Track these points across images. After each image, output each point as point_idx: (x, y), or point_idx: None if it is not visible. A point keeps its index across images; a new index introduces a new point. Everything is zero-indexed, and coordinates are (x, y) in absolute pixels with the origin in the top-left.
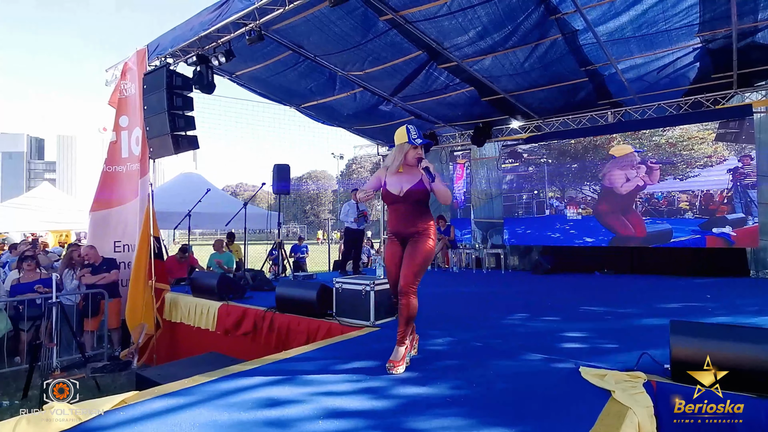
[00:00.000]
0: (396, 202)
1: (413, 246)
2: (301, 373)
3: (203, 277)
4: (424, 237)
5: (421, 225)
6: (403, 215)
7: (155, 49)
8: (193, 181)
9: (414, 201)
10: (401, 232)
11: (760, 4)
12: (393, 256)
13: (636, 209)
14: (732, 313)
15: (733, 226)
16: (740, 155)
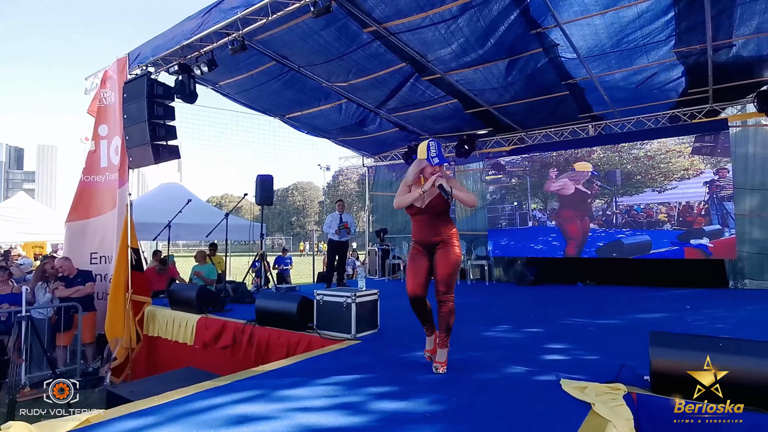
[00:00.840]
0: (419, 213)
1: (443, 255)
2: (277, 388)
3: (182, 289)
4: (450, 245)
5: (445, 233)
6: (427, 225)
7: (136, 57)
8: (175, 192)
9: (435, 212)
10: (425, 240)
11: (735, 22)
12: (416, 264)
13: (586, 217)
14: (711, 324)
15: (710, 237)
16: (716, 168)
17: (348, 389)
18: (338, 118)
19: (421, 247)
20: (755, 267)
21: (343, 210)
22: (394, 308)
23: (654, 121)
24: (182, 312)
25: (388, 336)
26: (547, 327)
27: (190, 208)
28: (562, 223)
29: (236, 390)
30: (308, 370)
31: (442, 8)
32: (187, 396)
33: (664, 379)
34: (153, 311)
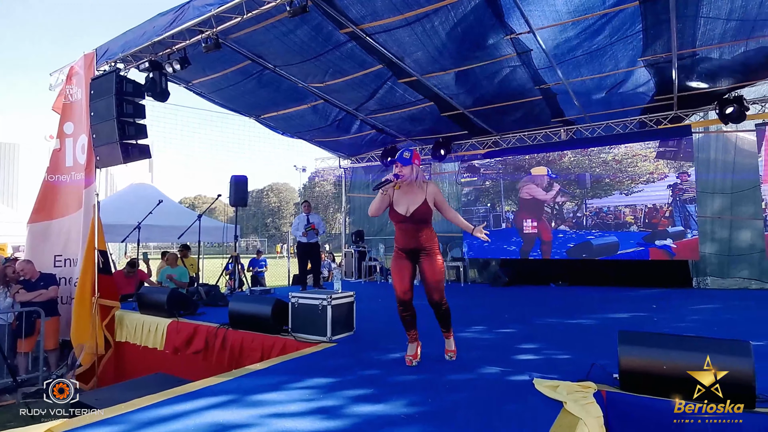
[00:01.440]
0: (403, 222)
1: (429, 265)
2: (251, 392)
3: (151, 292)
4: (434, 253)
5: (427, 242)
6: (410, 233)
7: (104, 53)
8: (146, 192)
9: (419, 220)
10: (408, 247)
11: (698, 32)
12: (400, 269)
13: (545, 218)
14: (676, 323)
15: (673, 238)
16: (679, 172)
17: (324, 393)
18: (314, 119)
19: (405, 253)
20: (716, 267)
21: (310, 211)
22: (371, 310)
23: (622, 126)
24: (152, 316)
25: (365, 338)
26: (520, 327)
27: (162, 209)
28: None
29: (208, 395)
30: (283, 374)
31: (418, 11)
32: (156, 403)
33: (632, 376)
34: (121, 315)
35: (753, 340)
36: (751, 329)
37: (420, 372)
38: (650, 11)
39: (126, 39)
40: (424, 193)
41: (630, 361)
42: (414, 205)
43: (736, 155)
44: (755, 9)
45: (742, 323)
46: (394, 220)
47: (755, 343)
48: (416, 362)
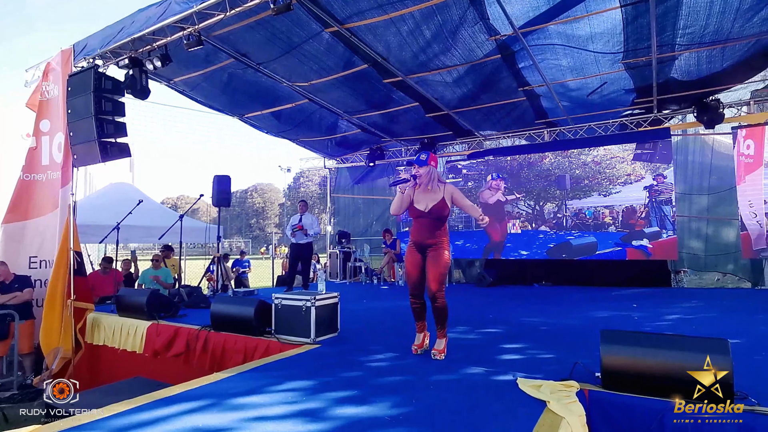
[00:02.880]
0: (421, 217)
1: (434, 256)
2: (232, 396)
3: (131, 294)
4: (442, 248)
5: (439, 237)
6: (426, 228)
7: (83, 49)
8: (125, 192)
9: (436, 217)
10: (421, 241)
11: (677, 37)
12: (413, 261)
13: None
14: (656, 321)
15: (649, 239)
16: (655, 174)
17: (307, 395)
18: (299, 119)
19: (415, 247)
20: (694, 267)
21: (305, 211)
22: (355, 312)
23: (604, 128)
24: (131, 318)
25: (349, 339)
26: (504, 327)
27: (142, 210)
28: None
29: (188, 399)
30: (266, 376)
31: (403, 11)
32: (134, 408)
33: (614, 375)
34: (98, 318)
35: (730, 338)
36: (728, 327)
37: (404, 373)
38: (631, 16)
39: (105, 34)
40: (442, 192)
41: (612, 360)
42: (432, 202)
43: (713, 157)
44: (732, 14)
45: (720, 321)
46: (414, 215)
47: (733, 341)
48: (421, 351)
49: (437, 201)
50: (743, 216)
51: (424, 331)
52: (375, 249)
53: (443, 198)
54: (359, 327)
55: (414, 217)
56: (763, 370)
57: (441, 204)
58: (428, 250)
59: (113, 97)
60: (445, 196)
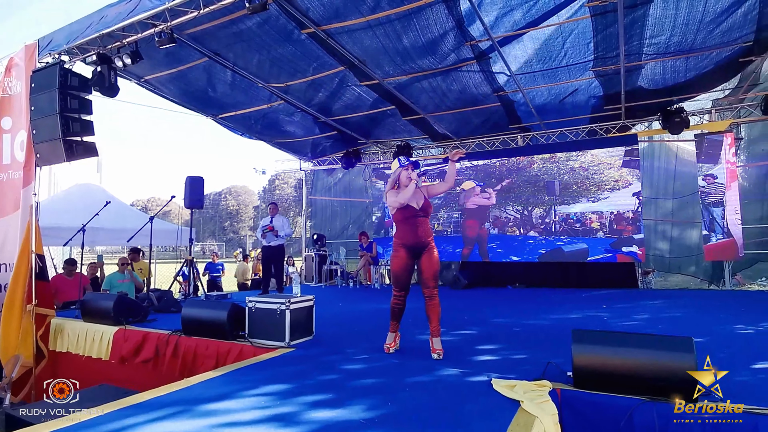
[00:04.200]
0: (416, 216)
1: (429, 257)
2: (203, 401)
3: (97, 298)
4: (432, 248)
5: (428, 236)
6: (421, 227)
7: (48, 44)
8: (92, 193)
9: (427, 214)
10: (416, 242)
11: (644, 47)
12: (400, 264)
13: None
14: (624, 321)
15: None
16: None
17: (281, 399)
18: (274, 120)
19: (407, 250)
20: (659, 268)
21: (275, 213)
22: (331, 315)
23: (575, 134)
24: (97, 324)
25: (324, 343)
26: (479, 328)
27: (111, 211)
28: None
29: (156, 407)
30: (238, 381)
31: (380, 14)
32: (98, 416)
33: (584, 374)
34: (61, 324)
35: (695, 336)
36: (693, 326)
37: (380, 375)
38: (601, 25)
39: (71, 30)
40: (421, 191)
41: (583, 359)
42: (421, 200)
43: (677, 163)
44: (695, 26)
45: (685, 321)
46: (408, 214)
47: (697, 339)
48: (393, 349)
49: (424, 199)
50: (729, 222)
51: (397, 332)
52: (351, 252)
53: (425, 196)
54: (335, 330)
55: (409, 216)
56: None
57: (427, 201)
58: (422, 252)
59: (80, 95)
60: (425, 194)
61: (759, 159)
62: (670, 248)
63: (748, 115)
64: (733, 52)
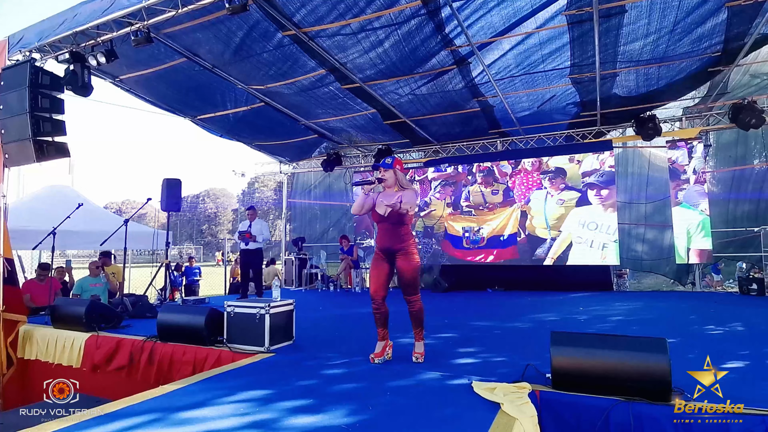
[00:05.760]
0: (381, 221)
1: (405, 261)
2: (179, 409)
3: (68, 304)
4: (410, 253)
5: (403, 241)
6: (389, 233)
7: (18, 41)
8: (63, 195)
9: (395, 221)
10: (387, 247)
11: (618, 55)
12: (377, 268)
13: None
14: (600, 323)
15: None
16: None
17: (260, 405)
18: (255, 122)
19: (383, 254)
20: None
21: (254, 217)
22: (311, 319)
23: (553, 139)
24: (67, 330)
25: (304, 347)
26: (459, 332)
27: (83, 214)
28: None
29: (131, 415)
30: (216, 388)
31: (361, 18)
32: (68, 426)
33: (563, 375)
34: (30, 331)
35: (668, 336)
36: (665, 327)
37: (360, 380)
38: (577, 32)
39: (43, 27)
40: (398, 196)
41: (561, 361)
42: (388, 208)
43: (650, 169)
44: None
45: (658, 322)
46: (375, 219)
47: (670, 340)
48: (379, 360)
49: (393, 203)
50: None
51: (387, 339)
52: (331, 255)
53: (398, 202)
54: (315, 334)
55: (376, 221)
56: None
57: (396, 209)
58: (396, 255)
59: (51, 93)
60: (395, 201)
61: (726, 165)
62: (644, 250)
63: (717, 123)
64: (703, 62)
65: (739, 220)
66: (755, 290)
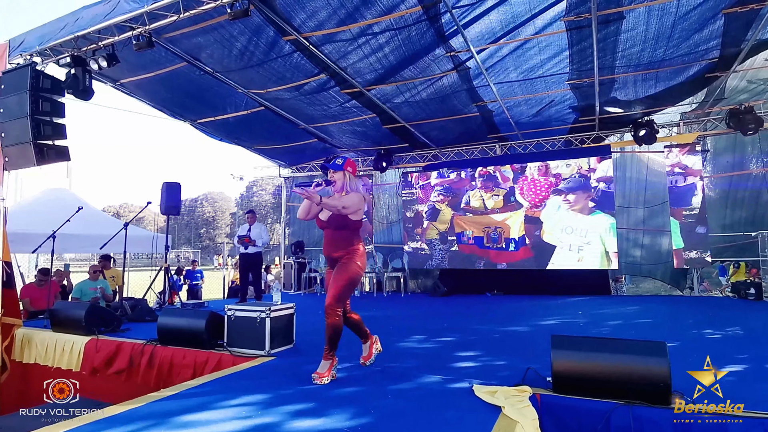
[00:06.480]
0: (324, 227)
1: (338, 269)
2: (180, 413)
3: (67, 307)
4: (348, 261)
5: (347, 249)
6: (331, 239)
7: (19, 45)
8: (62, 199)
9: (337, 226)
10: (328, 254)
11: (616, 60)
12: (328, 278)
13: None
14: (599, 327)
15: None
16: None
17: (261, 409)
18: (254, 126)
19: (328, 262)
20: (632, 274)
21: (254, 221)
22: (312, 323)
23: (551, 144)
24: (67, 334)
25: (305, 351)
26: (459, 335)
27: (82, 217)
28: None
29: (131, 419)
30: (217, 391)
31: (362, 23)
32: (71, 429)
33: (563, 379)
34: (29, 335)
35: (666, 341)
36: (664, 331)
37: (361, 383)
38: (576, 39)
39: (44, 31)
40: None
41: (562, 365)
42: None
43: (648, 174)
44: (665, 41)
45: (657, 326)
46: (319, 226)
47: (669, 344)
48: (325, 381)
49: (334, 207)
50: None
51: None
52: None
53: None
54: (315, 338)
55: (320, 228)
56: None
57: (339, 214)
58: (339, 262)
59: (52, 97)
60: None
61: (723, 170)
62: (642, 255)
63: (714, 128)
64: (700, 68)
65: (736, 225)
66: (753, 295)
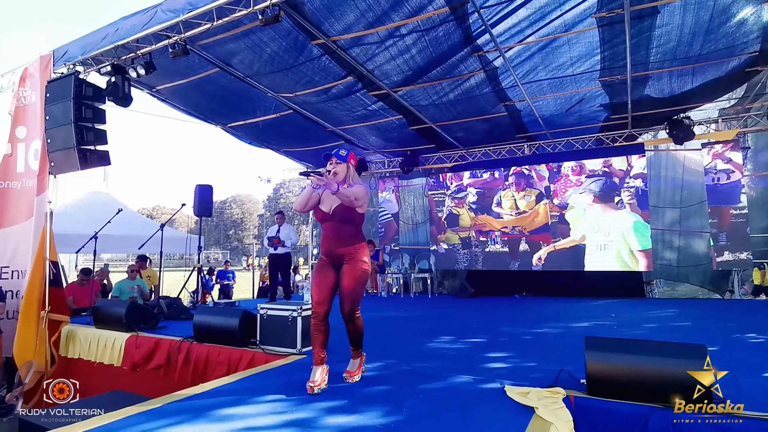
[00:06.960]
0: (325, 220)
1: (348, 269)
2: (218, 407)
3: (109, 305)
4: (356, 261)
5: (352, 246)
6: (333, 233)
7: (63, 55)
8: (103, 201)
9: (341, 219)
10: (331, 251)
11: (651, 56)
12: (320, 276)
13: None
14: (635, 330)
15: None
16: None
17: (296, 405)
18: (283, 129)
19: (328, 259)
20: (666, 277)
21: (282, 222)
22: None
23: (582, 143)
24: (109, 330)
25: (335, 349)
26: (488, 336)
27: (120, 219)
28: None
29: (171, 413)
30: (252, 387)
31: (389, 26)
32: (113, 422)
33: (599, 381)
34: (73, 331)
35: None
36: (703, 335)
37: (392, 382)
38: (608, 35)
39: (86, 41)
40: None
41: (596, 367)
42: (336, 202)
43: (684, 173)
44: (702, 35)
45: (695, 329)
46: (318, 218)
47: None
48: (318, 390)
49: (341, 195)
50: None
51: (324, 364)
52: None
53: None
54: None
55: (320, 221)
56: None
57: (344, 205)
58: (342, 263)
59: (94, 104)
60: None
61: (765, 168)
62: (678, 257)
63: (755, 125)
64: (739, 63)
65: None
66: None
